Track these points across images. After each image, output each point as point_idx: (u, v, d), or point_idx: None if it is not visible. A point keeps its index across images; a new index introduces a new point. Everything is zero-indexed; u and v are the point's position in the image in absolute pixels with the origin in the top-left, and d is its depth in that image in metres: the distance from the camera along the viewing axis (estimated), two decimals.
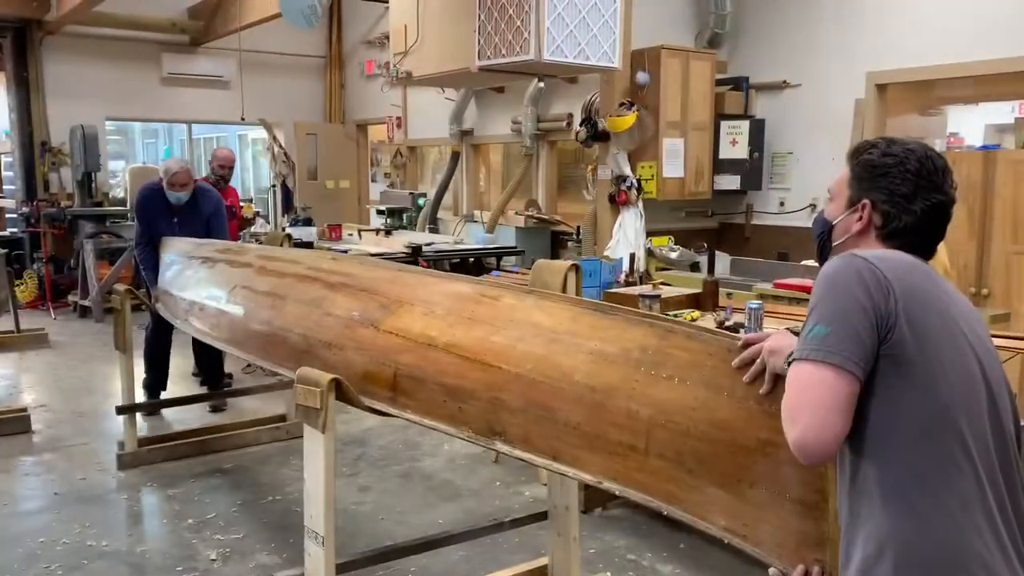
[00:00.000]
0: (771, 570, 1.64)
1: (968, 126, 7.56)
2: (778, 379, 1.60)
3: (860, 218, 1.60)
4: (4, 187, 11.15)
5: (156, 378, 5.59)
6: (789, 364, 1.48)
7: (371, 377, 2.50)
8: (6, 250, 7.31)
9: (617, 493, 1.90)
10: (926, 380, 1.41)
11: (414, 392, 2.37)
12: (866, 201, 1.59)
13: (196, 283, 3.96)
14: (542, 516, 3.20)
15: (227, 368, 6.01)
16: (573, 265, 3.69)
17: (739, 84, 7.10)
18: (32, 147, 9.75)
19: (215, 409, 5.62)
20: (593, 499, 3.96)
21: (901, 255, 1.53)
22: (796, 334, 1.53)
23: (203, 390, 5.85)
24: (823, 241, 1.69)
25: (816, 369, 1.40)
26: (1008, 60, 5.48)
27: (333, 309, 2.76)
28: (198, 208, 5.31)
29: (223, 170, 6.57)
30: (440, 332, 2.35)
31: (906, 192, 1.56)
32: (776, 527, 1.63)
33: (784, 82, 6.89)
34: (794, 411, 1.42)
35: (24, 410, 5.36)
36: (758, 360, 1.65)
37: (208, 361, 5.76)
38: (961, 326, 1.48)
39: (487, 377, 2.17)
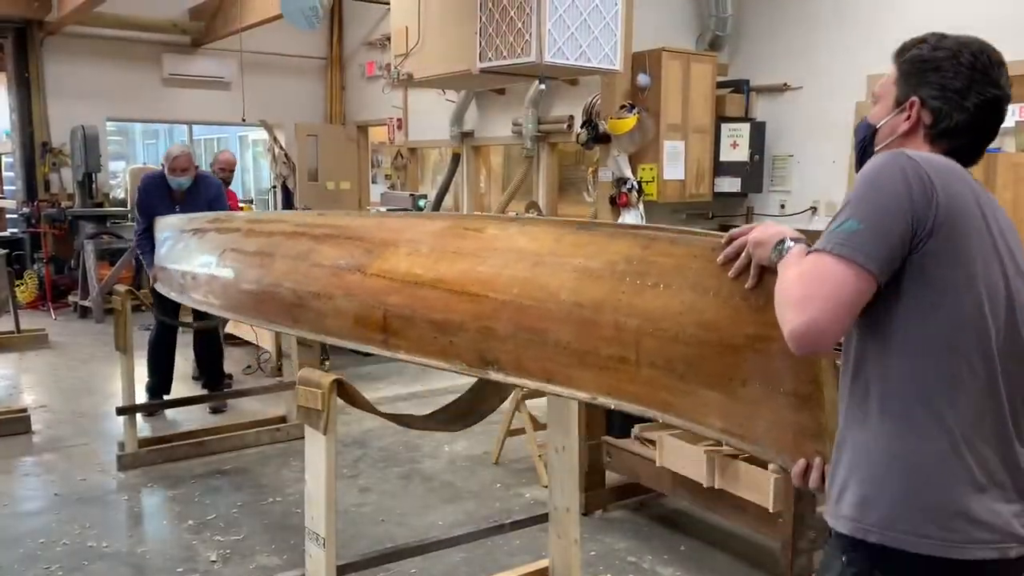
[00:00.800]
0: (770, 466, 1.63)
1: None
2: (764, 271, 1.56)
3: (908, 117, 1.51)
4: (5, 187, 11.15)
5: (159, 382, 5.58)
6: (803, 253, 1.42)
7: (362, 321, 2.49)
8: (7, 250, 7.31)
9: (613, 407, 1.89)
10: (948, 295, 1.38)
11: (404, 331, 2.36)
12: (915, 98, 1.50)
13: (188, 254, 3.94)
14: (542, 518, 3.19)
15: (227, 369, 6.01)
16: None
17: (740, 87, 7.11)
18: (33, 147, 9.75)
19: (215, 410, 5.61)
20: (593, 501, 3.96)
21: (947, 161, 1.45)
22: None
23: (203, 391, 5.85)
24: (864, 147, 1.59)
25: (836, 262, 1.34)
26: (1009, 64, 5.48)
27: (320, 260, 2.75)
28: (200, 195, 5.31)
29: (224, 173, 6.63)
30: (425, 269, 2.35)
31: (959, 87, 1.46)
32: (771, 422, 1.62)
33: (785, 85, 6.89)
34: (804, 300, 1.34)
35: (24, 410, 5.36)
36: (743, 254, 1.59)
37: (209, 362, 5.77)
38: (997, 243, 1.43)
39: (474, 307, 2.16)
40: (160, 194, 5.25)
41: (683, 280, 1.75)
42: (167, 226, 4.58)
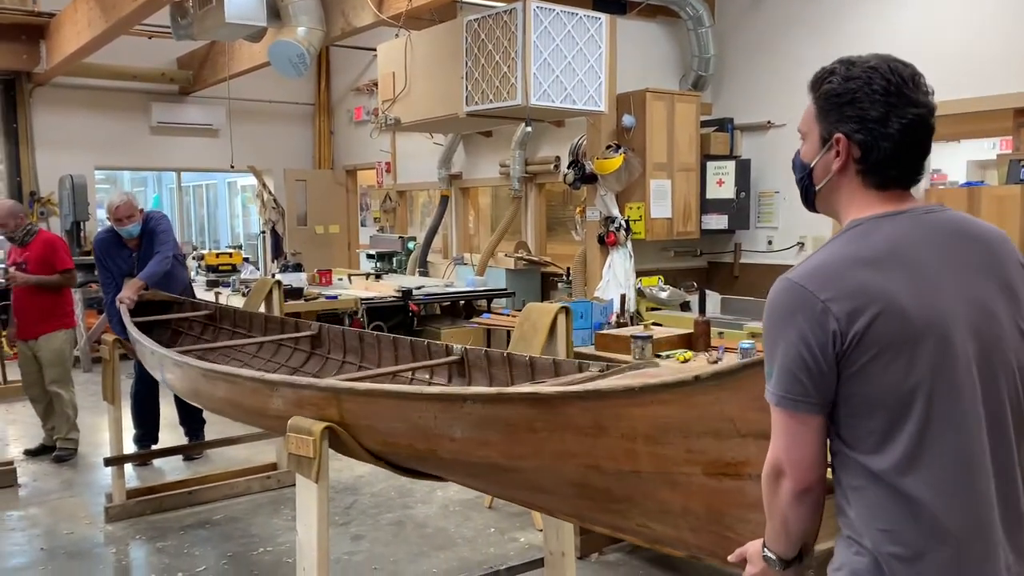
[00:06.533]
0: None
1: (950, 163, 7.66)
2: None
3: (837, 154, 1.48)
4: None
5: (145, 433, 5.51)
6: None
7: None
8: None
9: None
10: (891, 407, 1.35)
11: None
12: (839, 135, 1.47)
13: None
14: (538, 563, 3.16)
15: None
16: (563, 307, 3.69)
17: (724, 125, 7.18)
18: (21, 197, 9.74)
19: (188, 458, 5.56)
20: (589, 544, 3.91)
21: (851, 252, 1.42)
22: None
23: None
24: (806, 186, 1.59)
25: (778, 413, 1.41)
26: (987, 98, 5.57)
27: None
28: (151, 238, 5.24)
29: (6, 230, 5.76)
30: None
31: (877, 116, 1.43)
32: None
33: (768, 123, 6.97)
34: (775, 462, 1.42)
35: (10, 463, 5.28)
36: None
37: (188, 411, 5.66)
38: (947, 322, 1.36)
39: None
40: (115, 248, 5.21)
41: None
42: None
